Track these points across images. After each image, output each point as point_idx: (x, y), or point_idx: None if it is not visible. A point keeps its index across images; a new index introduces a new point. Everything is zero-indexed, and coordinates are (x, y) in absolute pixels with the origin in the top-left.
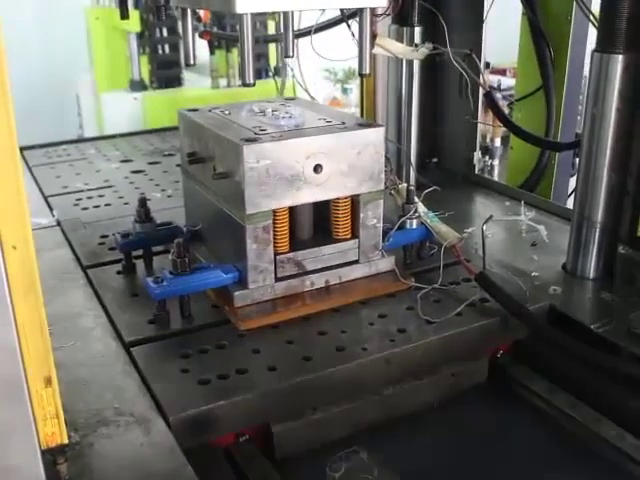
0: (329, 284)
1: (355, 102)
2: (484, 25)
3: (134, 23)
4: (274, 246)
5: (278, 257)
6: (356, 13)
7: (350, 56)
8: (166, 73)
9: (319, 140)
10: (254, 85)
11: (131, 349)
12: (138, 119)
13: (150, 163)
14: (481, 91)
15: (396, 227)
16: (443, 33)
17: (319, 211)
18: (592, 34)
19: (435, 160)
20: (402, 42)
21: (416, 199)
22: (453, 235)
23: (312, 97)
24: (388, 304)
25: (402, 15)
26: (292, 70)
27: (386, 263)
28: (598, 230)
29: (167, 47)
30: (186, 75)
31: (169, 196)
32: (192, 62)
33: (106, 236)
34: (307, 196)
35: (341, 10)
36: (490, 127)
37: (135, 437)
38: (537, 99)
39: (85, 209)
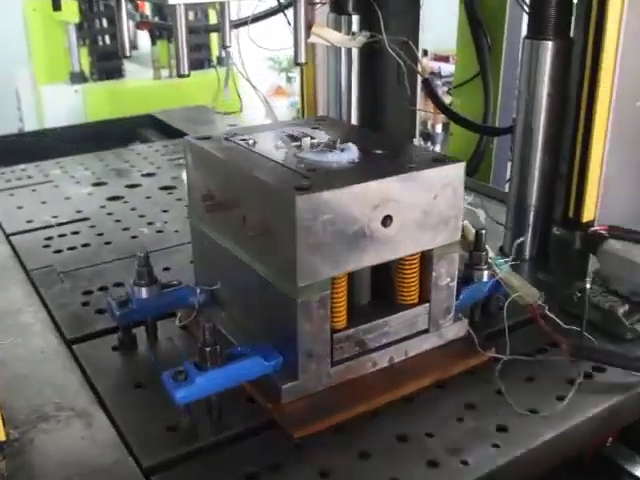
0: (393, 362)
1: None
2: (421, 12)
3: (72, 14)
4: (330, 322)
5: (335, 336)
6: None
7: (290, 45)
8: (107, 65)
9: (390, 184)
10: (189, 76)
11: None
12: (79, 112)
13: (128, 186)
14: (419, 78)
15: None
16: (380, 21)
17: (377, 269)
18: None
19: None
20: (340, 31)
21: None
22: (530, 291)
23: (254, 87)
24: (471, 386)
25: (339, 4)
26: (231, 60)
27: (458, 328)
28: (532, 212)
29: (107, 38)
30: (128, 66)
31: (159, 231)
32: (128, 53)
33: (90, 292)
34: (373, 256)
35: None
36: (431, 114)
37: (76, 431)
38: (475, 86)
39: (58, 252)
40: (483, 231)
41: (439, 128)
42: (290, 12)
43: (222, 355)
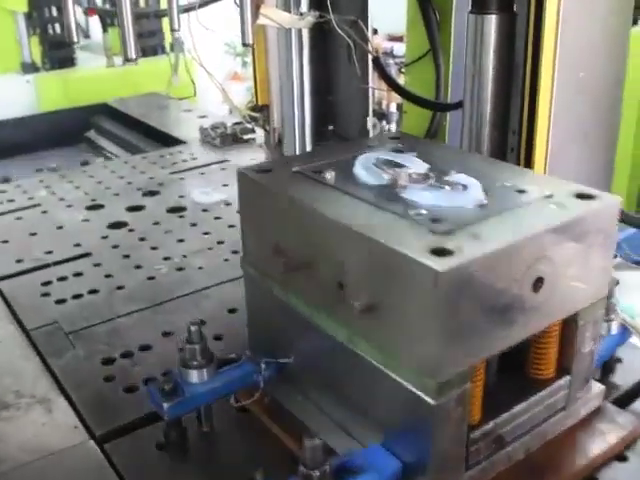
0: (529, 451)
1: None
2: None
3: (20, 3)
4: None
5: (472, 435)
6: None
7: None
8: (58, 53)
9: (544, 236)
10: (136, 60)
11: None
12: (32, 102)
13: (130, 209)
14: (370, 57)
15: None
16: (330, 1)
17: None
18: None
19: (331, 127)
20: (289, 11)
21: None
22: None
23: (208, 72)
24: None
25: None
26: (184, 45)
27: (594, 399)
28: None
29: (57, 27)
30: (80, 55)
31: (179, 269)
32: (75, 39)
33: (111, 361)
34: (521, 331)
35: None
36: (385, 93)
37: (37, 417)
38: (426, 63)
39: (61, 302)
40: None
41: (394, 107)
42: None
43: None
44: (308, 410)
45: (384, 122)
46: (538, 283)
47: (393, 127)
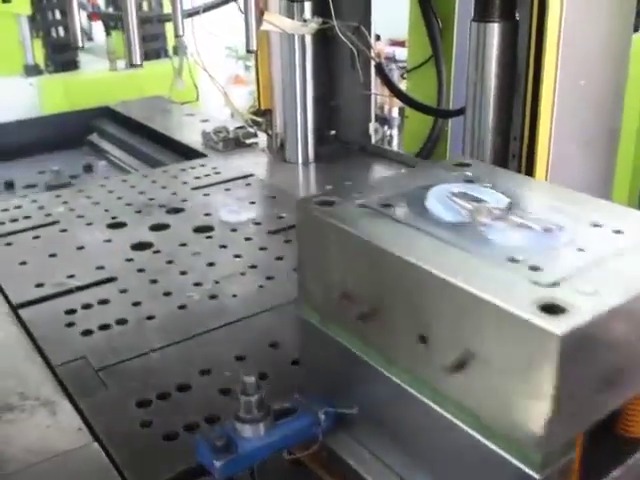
0: None
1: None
2: None
3: (24, 5)
4: None
5: None
6: None
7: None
8: (61, 56)
9: None
10: (141, 65)
11: None
12: (35, 105)
13: (154, 228)
14: (373, 63)
15: None
16: (333, 7)
17: None
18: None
19: (333, 132)
20: (292, 18)
21: None
22: None
23: (211, 76)
24: None
25: None
26: (187, 49)
27: None
28: None
29: (61, 30)
30: (83, 58)
31: (212, 297)
32: (80, 43)
33: (147, 403)
34: (628, 391)
35: None
36: (387, 98)
37: (41, 420)
38: (428, 69)
39: (88, 334)
40: None
41: (395, 112)
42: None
43: None
44: (373, 467)
45: (386, 127)
46: None
47: (395, 132)
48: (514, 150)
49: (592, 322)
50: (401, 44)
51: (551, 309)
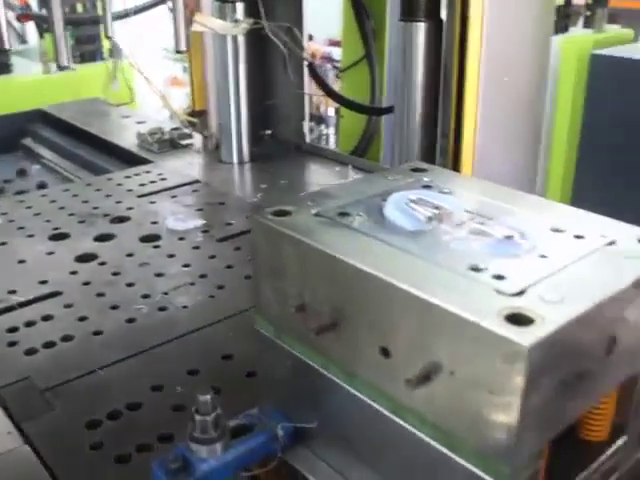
0: None
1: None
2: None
3: None
4: None
5: None
6: None
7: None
8: None
9: (624, 294)
10: (69, 67)
11: None
12: None
13: (98, 238)
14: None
15: None
16: (264, 8)
17: None
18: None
19: (269, 132)
20: (225, 18)
21: None
22: None
23: (146, 77)
24: None
25: None
26: (121, 51)
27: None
28: None
29: None
30: (16, 61)
31: (162, 309)
32: (7, 45)
33: (97, 424)
34: (592, 397)
35: None
36: (323, 97)
37: None
38: (363, 68)
39: (32, 353)
40: None
41: (331, 111)
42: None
43: None
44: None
45: (323, 126)
46: (611, 344)
47: (331, 131)
48: (442, 146)
49: (559, 331)
50: (337, 44)
51: (517, 319)
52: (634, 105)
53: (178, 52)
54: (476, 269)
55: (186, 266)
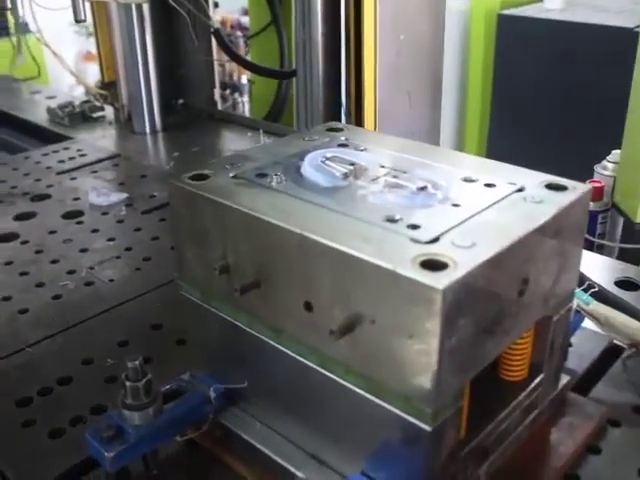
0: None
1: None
2: None
3: None
4: None
5: (461, 452)
6: None
7: None
8: None
9: (531, 237)
10: None
11: None
12: None
13: (19, 217)
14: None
15: None
16: None
17: None
18: None
19: (181, 101)
20: None
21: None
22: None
23: (54, 52)
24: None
25: None
26: (27, 25)
27: (562, 391)
28: None
29: None
30: None
31: (88, 284)
32: None
33: (27, 401)
34: (507, 338)
35: None
36: (236, 65)
37: None
38: (271, 34)
39: None
40: None
41: (244, 79)
42: None
43: None
44: (270, 439)
45: (237, 94)
46: (524, 286)
47: (246, 99)
48: (345, 104)
49: (471, 274)
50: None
51: (432, 265)
52: (539, 61)
53: (77, 22)
54: (391, 220)
55: (111, 240)
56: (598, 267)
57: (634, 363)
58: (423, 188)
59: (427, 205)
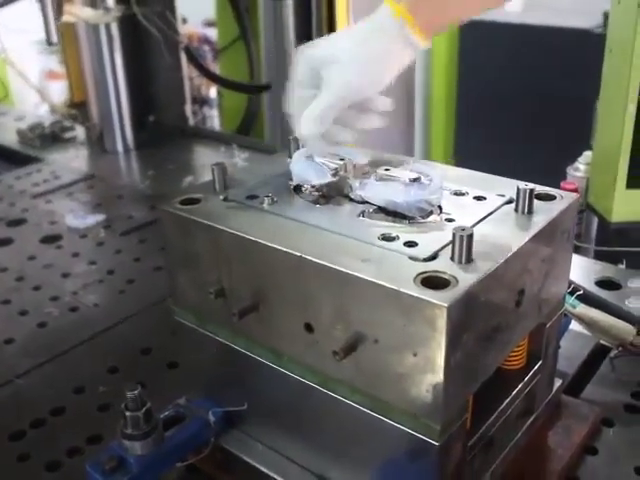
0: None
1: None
2: None
3: None
4: None
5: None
6: None
7: None
8: None
9: (526, 248)
10: None
11: None
12: None
13: None
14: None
15: None
16: None
17: None
18: None
19: (152, 118)
20: (96, 7)
21: None
22: (623, 327)
23: (18, 71)
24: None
25: None
26: None
27: (556, 394)
28: None
29: None
30: None
31: (73, 309)
32: None
33: (20, 435)
34: (506, 349)
35: None
36: (204, 79)
37: None
38: (239, 47)
39: None
40: None
41: (213, 92)
42: None
43: None
44: (271, 459)
45: (206, 108)
46: (520, 296)
47: (215, 112)
48: None
49: (472, 290)
50: (213, 24)
51: (434, 282)
52: (502, 65)
53: (49, 44)
54: (388, 238)
55: (92, 263)
56: (577, 268)
57: (622, 362)
58: (416, 179)
59: (419, 197)
